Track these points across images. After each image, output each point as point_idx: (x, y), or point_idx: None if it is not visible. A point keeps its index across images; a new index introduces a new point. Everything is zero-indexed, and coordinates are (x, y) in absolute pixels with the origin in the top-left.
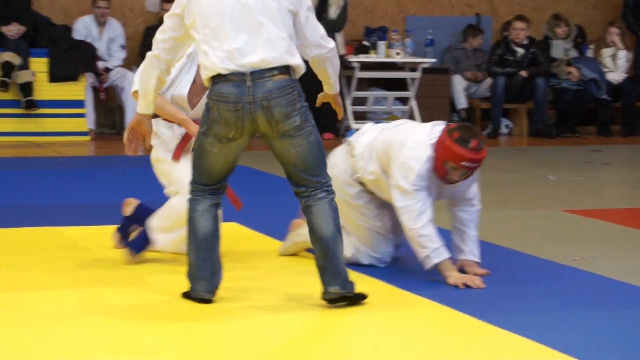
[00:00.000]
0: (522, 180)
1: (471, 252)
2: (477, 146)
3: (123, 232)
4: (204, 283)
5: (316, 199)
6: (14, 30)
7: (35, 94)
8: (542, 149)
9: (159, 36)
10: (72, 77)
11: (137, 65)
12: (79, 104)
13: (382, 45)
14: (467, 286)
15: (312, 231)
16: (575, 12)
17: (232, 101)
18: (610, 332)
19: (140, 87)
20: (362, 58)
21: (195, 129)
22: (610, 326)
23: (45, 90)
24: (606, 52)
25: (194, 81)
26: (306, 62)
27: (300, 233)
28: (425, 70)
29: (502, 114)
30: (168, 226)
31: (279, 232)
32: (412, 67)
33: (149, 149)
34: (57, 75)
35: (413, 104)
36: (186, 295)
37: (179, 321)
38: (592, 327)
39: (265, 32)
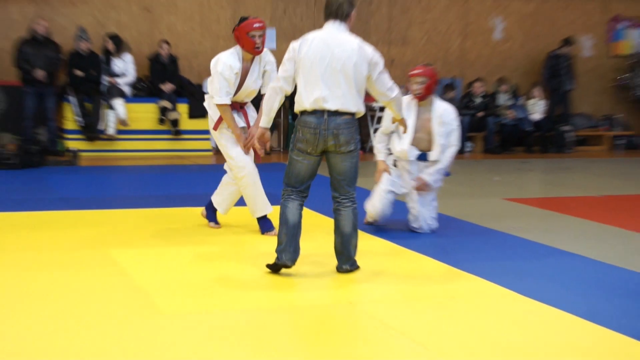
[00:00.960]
0: (478, 180)
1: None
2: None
3: (208, 207)
4: (288, 255)
5: (344, 206)
6: (168, 87)
7: (180, 126)
8: (492, 161)
9: (281, 74)
10: (202, 116)
11: None
12: (206, 132)
13: None
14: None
15: (337, 227)
16: (513, 76)
17: (313, 127)
18: (530, 274)
19: (266, 108)
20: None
21: (239, 133)
22: (532, 270)
23: (186, 123)
24: (531, 101)
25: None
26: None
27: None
28: None
29: (466, 139)
30: (223, 199)
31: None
32: None
33: (268, 151)
34: (193, 115)
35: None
36: (271, 266)
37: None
38: (519, 270)
39: (341, 89)
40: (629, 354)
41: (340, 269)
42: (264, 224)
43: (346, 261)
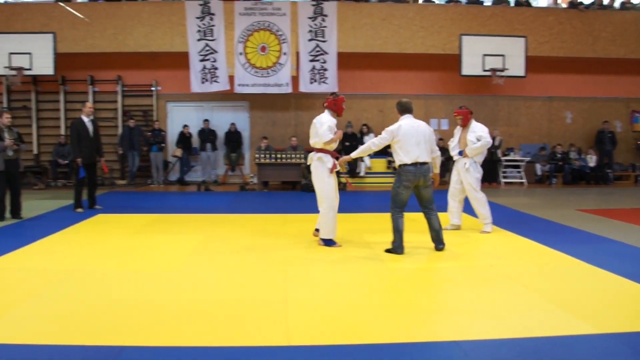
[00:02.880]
0: (559, 200)
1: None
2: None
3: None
4: (400, 250)
5: (433, 214)
6: None
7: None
8: (568, 189)
9: (379, 141)
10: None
11: None
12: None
13: None
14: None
15: (431, 225)
16: (577, 142)
17: (412, 172)
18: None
19: (363, 151)
20: None
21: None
22: (593, 251)
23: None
24: (588, 156)
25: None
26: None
27: None
28: None
29: (553, 177)
30: (326, 229)
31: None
32: None
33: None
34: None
35: None
36: (388, 250)
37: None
38: (584, 251)
39: (425, 149)
40: None
41: (438, 248)
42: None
43: (440, 244)
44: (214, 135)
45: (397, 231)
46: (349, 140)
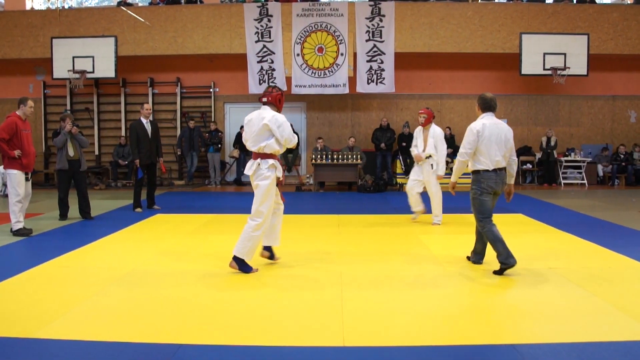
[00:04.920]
0: (621, 201)
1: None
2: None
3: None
4: (512, 259)
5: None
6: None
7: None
8: (630, 190)
9: (469, 146)
10: None
11: None
12: None
13: None
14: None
15: (482, 239)
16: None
17: (494, 178)
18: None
19: (459, 170)
20: None
21: None
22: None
23: None
24: None
25: None
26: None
27: None
28: None
29: (616, 178)
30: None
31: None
32: None
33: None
34: None
35: None
36: (499, 272)
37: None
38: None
39: (502, 153)
40: None
41: (478, 263)
42: None
43: (483, 257)
44: None
45: (498, 241)
46: (406, 141)
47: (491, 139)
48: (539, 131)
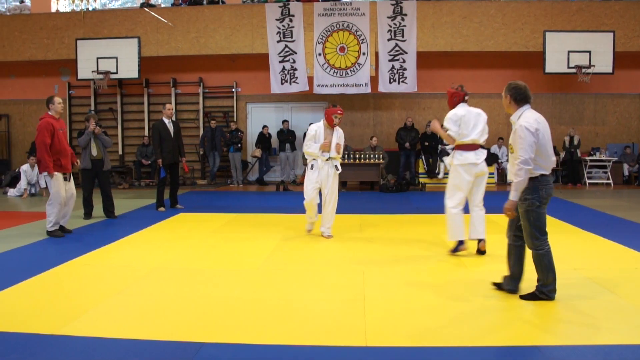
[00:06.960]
0: None
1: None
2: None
3: None
4: (554, 293)
5: (523, 244)
6: None
7: None
8: None
9: (531, 150)
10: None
11: None
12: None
13: None
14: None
15: (520, 260)
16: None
17: (551, 184)
18: None
19: (522, 184)
20: None
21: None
22: None
23: None
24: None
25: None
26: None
27: None
28: None
29: None
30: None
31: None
32: None
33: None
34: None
35: None
36: (533, 297)
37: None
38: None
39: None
40: None
41: (511, 292)
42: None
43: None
44: (293, 136)
45: (551, 270)
46: (428, 140)
47: (545, 137)
48: (563, 130)
